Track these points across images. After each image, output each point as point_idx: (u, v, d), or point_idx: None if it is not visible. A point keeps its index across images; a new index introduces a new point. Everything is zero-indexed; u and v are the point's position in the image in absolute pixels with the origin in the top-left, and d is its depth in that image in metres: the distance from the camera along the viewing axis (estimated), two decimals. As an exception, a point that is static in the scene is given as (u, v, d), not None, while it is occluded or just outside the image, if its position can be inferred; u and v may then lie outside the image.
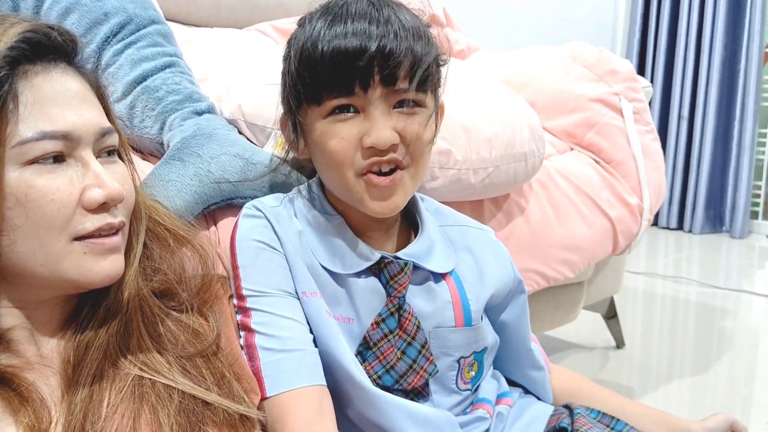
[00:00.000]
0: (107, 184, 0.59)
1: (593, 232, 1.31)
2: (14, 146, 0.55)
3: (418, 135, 0.73)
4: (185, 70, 1.00)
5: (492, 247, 0.89)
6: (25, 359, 0.60)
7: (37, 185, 0.56)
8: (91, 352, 0.60)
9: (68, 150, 0.58)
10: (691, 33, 3.35)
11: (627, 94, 1.44)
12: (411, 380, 0.77)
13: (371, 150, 0.71)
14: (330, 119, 0.72)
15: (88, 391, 0.59)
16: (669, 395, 1.66)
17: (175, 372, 0.63)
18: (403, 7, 0.74)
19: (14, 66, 0.56)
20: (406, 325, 0.77)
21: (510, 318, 0.89)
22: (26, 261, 0.57)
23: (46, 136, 0.56)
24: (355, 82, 0.70)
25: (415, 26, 0.72)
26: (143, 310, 0.65)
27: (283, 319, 0.73)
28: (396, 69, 0.69)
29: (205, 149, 0.85)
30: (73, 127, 0.58)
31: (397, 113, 0.72)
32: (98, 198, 0.58)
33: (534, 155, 1.09)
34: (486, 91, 1.10)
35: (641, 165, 1.40)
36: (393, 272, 0.78)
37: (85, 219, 0.58)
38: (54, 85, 0.58)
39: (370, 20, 0.70)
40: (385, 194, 0.73)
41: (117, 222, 0.61)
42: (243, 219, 0.78)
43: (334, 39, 0.69)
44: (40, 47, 0.59)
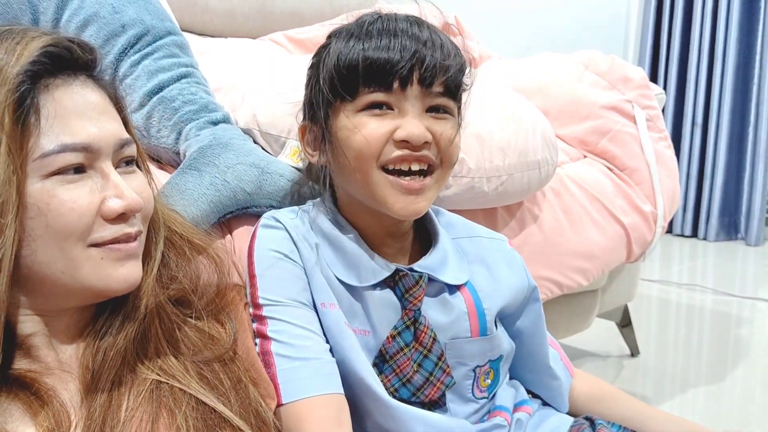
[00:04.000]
0: (126, 194, 0.60)
1: (607, 239, 1.31)
2: (36, 159, 0.57)
3: (450, 138, 0.76)
4: (201, 81, 1.02)
5: (505, 255, 0.89)
6: (44, 365, 0.61)
7: (58, 195, 0.57)
8: (109, 358, 0.61)
9: (89, 161, 0.59)
10: (704, 39, 3.33)
11: (640, 101, 1.44)
12: (428, 392, 0.77)
13: (404, 144, 0.73)
14: (363, 113, 0.74)
15: (107, 396, 0.60)
16: (684, 404, 1.64)
17: (191, 377, 0.63)
18: (437, 29, 0.77)
19: (36, 80, 0.58)
20: (422, 338, 0.78)
21: (525, 325, 0.89)
22: (47, 269, 0.58)
23: (67, 149, 0.57)
24: (394, 78, 0.72)
25: (452, 46, 0.76)
26: (161, 316, 0.66)
27: (298, 329, 0.74)
28: (434, 72, 0.72)
29: (221, 159, 0.86)
30: (93, 139, 0.59)
31: (429, 116, 0.75)
32: (117, 209, 0.59)
33: (547, 163, 1.09)
34: (498, 98, 1.10)
35: (655, 172, 1.40)
36: (408, 285, 0.78)
37: (103, 228, 0.60)
38: (74, 97, 0.60)
39: (411, 35, 0.73)
40: (411, 194, 0.74)
41: (134, 231, 0.62)
42: (262, 229, 0.79)
43: (376, 49, 0.72)
44: (60, 61, 0.60)
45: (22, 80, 0.56)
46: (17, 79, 0.56)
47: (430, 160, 0.75)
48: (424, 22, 0.76)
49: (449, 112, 0.76)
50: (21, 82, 0.56)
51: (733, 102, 3.30)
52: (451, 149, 0.76)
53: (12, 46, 0.58)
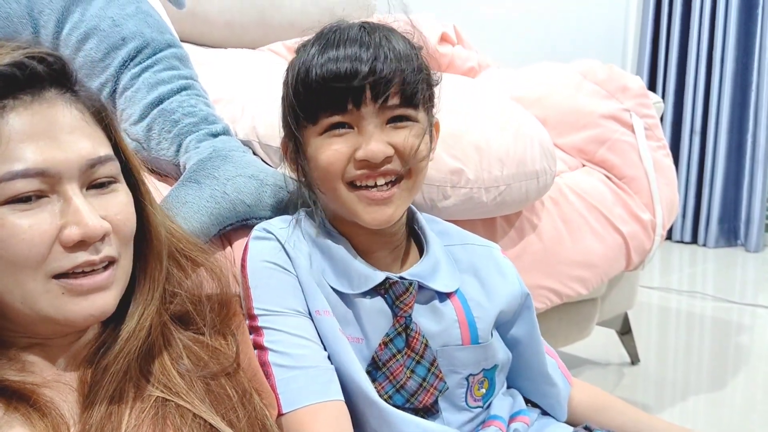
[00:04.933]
0: (85, 221, 0.56)
1: (606, 248, 1.31)
2: None
3: (412, 146, 0.76)
4: (201, 93, 1.02)
5: (497, 263, 0.89)
6: (43, 378, 0.60)
7: (7, 225, 0.54)
8: (108, 374, 0.61)
9: (49, 186, 0.56)
10: (702, 48, 3.34)
11: (638, 110, 1.45)
12: (422, 398, 0.78)
13: (364, 163, 0.74)
14: (325, 135, 0.75)
15: (106, 411, 0.60)
16: (685, 411, 1.64)
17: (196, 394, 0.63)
18: (393, 31, 0.77)
19: None
20: (414, 344, 0.78)
21: (520, 333, 0.89)
22: (7, 298, 0.57)
23: (17, 176, 0.54)
24: (348, 99, 0.73)
25: (404, 49, 0.76)
26: (164, 333, 0.66)
27: (295, 338, 0.75)
28: (386, 86, 0.73)
29: (220, 171, 0.86)
30: (51, 164, 0.56)
31: (390, 128, 0.75)
32: (73, 236, 0.56)
33: (546, 173, 1.10)
34: (496, 109, 1.11)
35: (653, 181, 1.40)
36: (398, 292, 0.79)
37: (62, 256, 0.56)
38: (33, 119, 0.56)
39: (361, 44, 0.73)
40: (379, 205, 0.76)
41: (98, 259, 0.58)
42: (253, 241, 0.80)
43: (328, 63, 0.73)
44: (14, 81, 0.56)
45: None
46: None
47: (395, 172, 0.76)
48: (376, 29, 0.76)
49: (411, 119, 0.76)
50: None
51: (731, 109, 3.31)
52: (417, 158, 0.76)
53: None
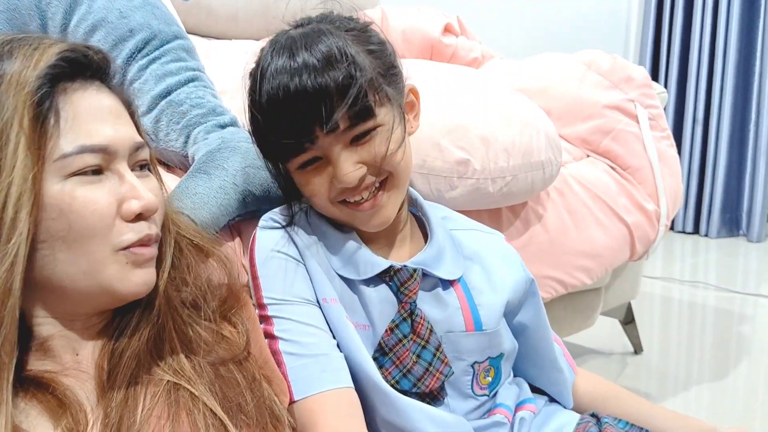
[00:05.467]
0: (143, 195, 0.61)
1: (610, 238, 1.32)
2: (57, 160, 0.58)
3: (382, 154, 0.75)
4: (208, 84, 1.03)
5: (501, 251, 0.90)
6: (61, 366, 0.62)
7: (79, 196, 0.58)
8: (124, 359, 0.63)
9: (105, 163, 0.60)
10: (705, 37, 3.33)
11: (642, 100, 1.45)
12: (428, 383, 0.78)
13: (342, 188, 0.75)
14: (302, 171, 0.76)
15: (123, 396, 0.61)
16: (687, 401, 1.65)
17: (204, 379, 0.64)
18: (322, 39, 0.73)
19: (54, 83, 0.59)
20: (419, 330, 0.79)
21: (527, 318, 0.90)
22: (68, 270, 0.59)
23: (86, 150, 0.59)
24: (302, 141, 0.73)
25: (347, 57, 0.72)
26: (174, 318, 0.67)
27: (304, 326, 0.75)
28: (332, 117, 0.71)
29: (229, 162, 0.87)
30: (111, 141, 0.60)
31: (356, 146, 0.75)
32: (135, 209, 0.60)
33: (551, 164, 1.10)
34: (502, 100, 1.11)
35: (657, 171, 1.41)
36: (403, 279, 0.80)
37: (126, 229, 0.61)
38: (91, 101, 0.61)
39: (294, 72, 0.71)
40: (372, 213, 0.77)
41: (154, 234, 0.63)
42: (261, 231, 0.81)
43: (270, 110, 0.73)
44: (77, 65, 0.61)
45: (42, 83, 0.57)
46: (37, 82, 0.57)
47: (374, 183, 0.76)
48: (315, 44, 0.72)
49: (372, 129, 0.74)
50: (40, 85, 0.57)
51: (734, 99, 3.31)
52: (392, 161, 0.76)
53: (30, 51, 0.59)
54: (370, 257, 0.80)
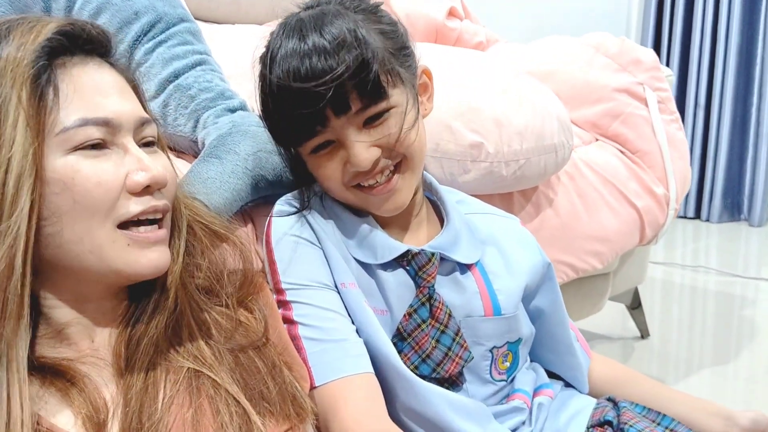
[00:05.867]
0: (150, 167, 0.59)
1: (621, 223, 1.31)
2: (58, 133, 0.56)
3: (396, 137, 0.74)
4: (215, 68, 1.01)
5: (517, 235, 0.89)
6: (79, 352, 0.61)
7: (83, 169, 0.56)
8: (142, 345, 0.61)
9: (109, 137, 0.59)
10: (707, 20, 3.31)
11: (651, 83, 1.43)
12: (447, 368, 0.78)
13: (356, 172, 0.74)
14: (314, 155, 0.75)
15: (142, 384, 0.60)
16: (690, 385, 1.65)
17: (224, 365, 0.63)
18: (332, 20, 0.71)
19: (52, 57, 0.57)
20: (437, 314, 0.78)
21: (544, 303, 0.89)
22: (75, 248, 0.57)
23: (88, 123, 0.57)
24: (315, 124, 0.72)
25: (350, 38, 0.70)
26: (191, 304, 0.66)
27: (323, 311, 0.74)
28: (344, 100, 0.70)
29: (241, 146, 0.85)
30: (114, 114, 0.59)
31: (369, 129, 0.73)
32: (142, 181, 0.58)
33: (564, 147, 1.09)
34: (513, 82, 1.09)
35: (667, 155, 1.40)
36: (421, 263, 0.79)
37: (130, 202, 0.59)
38: (92, 75, 0.60)
39: (304, 54, 0.70)
40: (386, 197, 0.76)
41: (161, 205, 0.61)
42: (276, 215, 0.80)
43: (280, 94, 0.72)
44: (75, 40, 0.60)
45: (39, 56, 0.56)
46: (33, 55, 0.55)
47: (389, 166, 0.75)
48: (325, 25, 0.70)
49: (386, 110, 0.73)
50: (37, 57, 0.56)
51: (736, 83, 3.29)
52: (406, 142, 0.75)
53: (27, 29, 0.57)
54: (387, 241, 0.79)
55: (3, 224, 0.53)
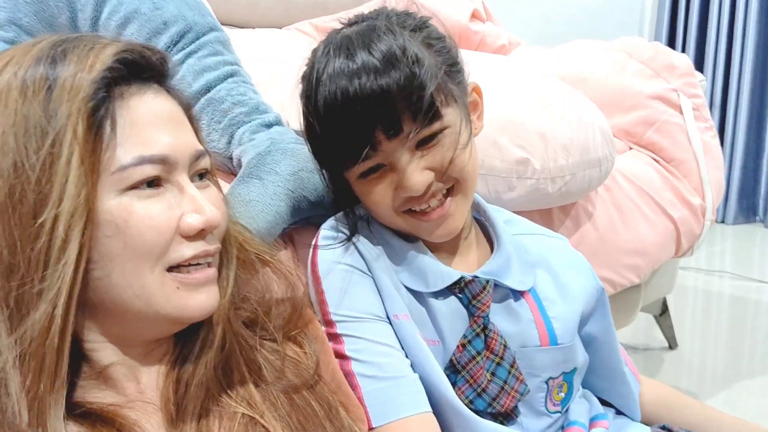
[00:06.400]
0: (205, 209, 0.55)
1: (657, 235, 1.27)
2: (114, 172, 0.52)
3: (450, 159, 0.70)
4: (247, 79, 0.96)
5: (569, 258, 0.85)
6: (125, 397, 0.57)
7: (137, 211, 0.53)
8: (191, 388, 0.57)
9: (165, 174, 0.55)
10: (723, 20, 3.27)
11: (686, 89, 1.39)
12: (503, 402, 0.74)
13: (408, 197, 0.70)
14: (363, 180, 0.71)
15: (195, 431, 0.56)
16: (702, 389, 1.61)
17: (279, 411, 0.59)
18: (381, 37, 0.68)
19: (110, 88, 0.53)
20: (492, 346, 0.74)
21: (596, 330, 0.86)
22: (122, 294, 0.54)
23: (145, 161, 0.53)
24: (364, 147, 0.67)
25: (411, 55, 0.66)
26: (239, 341, 0.62)
27: (378, 345, 0.70)
28: (396, 122, 0.67)
29: (282, 166, 0.81)
30: (171, 150, 0.55)
31: (422, 151, 0.69)
32: (197, 225, 0.55)
33: (607, 160, 1.05)
34: (553, 93, 1.05)
35: (703, 164, 1.35)
36: (475, 291, 0.74)
37: (182, 246, 0.55)
38: (150, 106, 0.56)
39: (353, 74, 0.66)
40: (439, 223, 0.72)
41: (213, 249, 0.57)
42: (323, 241, 0.75)
43: (327, 117, 0.68)
44: (135, 67, 0.56)
45: (98, 87, 0.52)
46: (92, 87, 0.51)
47: (441, 190, 0.72)
48: (374, 42, 0.67)
49: (439, 131, 0.69)
50: (96, 89, 0.52)
51: (752, 84, 3.26)
52: (458, 166, 0.71)
53: (84, 53, 0.53)
54: (440, 268, 0.75)
55: (49, 271, 0.49)
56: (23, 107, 0.50)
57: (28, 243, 0.49)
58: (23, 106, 0.50)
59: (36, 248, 0.49)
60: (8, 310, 0.49)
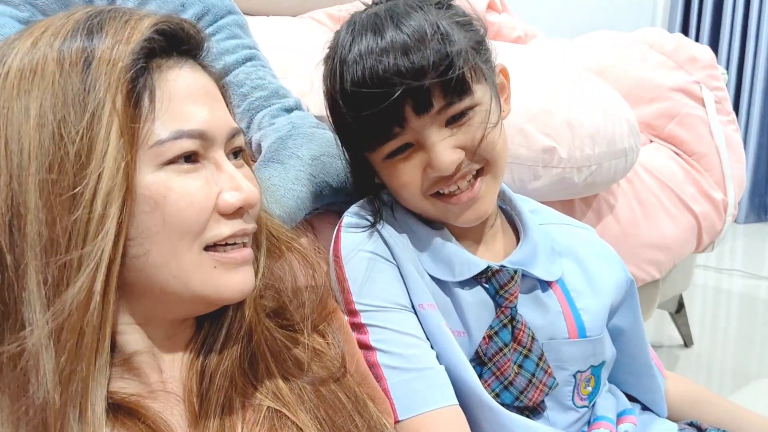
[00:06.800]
0: (243, 186, 0.54)
1: (679, 229, 1.24)
2: (153, 146, 0.50)
3: (481, 137, 0.68)
4: (265, 63, 0.94)
5: (598, 248, 0.83)
6: (148, 386, 0.54)
7: (175, 187, 0.51)
8: (216, 379, 0.55)
9: (203, 150, 0.53)
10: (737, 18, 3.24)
11: (708, 82, 1.36)
12: (531, 395, 0.72)
13: (438, 177, 0.68)
14: (389, 161, 0.69)
15: (218, 424, 0.54)
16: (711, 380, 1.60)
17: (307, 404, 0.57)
18: (410, 14, 0.66)
19: (149, 59, 0.51)
20: (520, 337, 0.72)
21: (624, 323, 0.83)
22: (159, 273, 0.52)
23: (183, 135, 0.51)
24: (392, 125, 0.65)
25: (445, 29, 0.65)
26: (264, 332, 0.59)
27: (403, 336, 0.68)
28: (427, 98, 0.64)
29: (303, 150, 0.79)
30: (209, 126, 0.53)
31: (451, 129, 0.67)
32: (235, 202, 0.53)
33: (633, 151, 1.02)
34: (580, 83, 1.03)
35: (725, 158, 1.33)
36: (502, 281, 0.72)
37: (220, 224, 0.53)
38: (187, 80, 0.54)
39: (382, 52, 0.64)
40: (468, 206, 0.70)
41: (250, 228, 0.56)
42: (346, 229, 0.73)
43: (355, 96, 0.65)
44: (173, 39, 0.54)
45: (136, 57, 0.50)
46: (131, 57, 0.49)
47: (471, 170, 0.69)
48: (403, 19, 0.66)
49: (470, 108, 0.67)
50: (135, 59, 0.50)
51: (765, 82, 3.22)
52: (489, 145, 0.68)
53: (121, 25, 0.51)
54: (466, 257, 0.72)
55: (87, 247, 0.47)
56: (61, 78, 0.48)
57: (67, 217, 0.47)
58: (61, 78, 0.48)
59: (75, 222, 0.47)
60: (46, 287, 0.47)
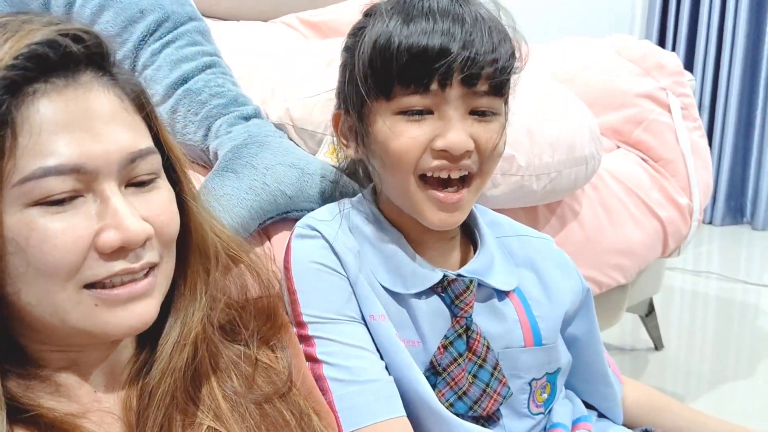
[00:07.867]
0: (125, 224, 0.49)
1: (645, 235, 1.25)
2: (15, 185, 0.47)
3: (494, 144, 0.69)
4: (226, 71, 0.94)
5: (555, 258, 0.83)
6: (81, 405, 0.53)
7: (38, 229, 0.47)
8: (156, 397, 0.53)
9: (84, 185, 0.49)
10: (713, 22, 3.27)
11: (674, 88, 1.38)
12: (485, 406, 0.72)
13: (442, 153, 0.67)
14: (399, 117, 0.68)
15: None
16: (688, 390, 1.61)
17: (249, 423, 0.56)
18: (484, 6, 0.69)
19: (14, 89, 0.47)
20: (475, 347, 0.72)
21: (580, 331, 0.84)
22: (35, 310, 0.50)
23: (50, 173, 0.47)
24: (433, 78, 0.65)
25: (500, 29, 0.68)
26: (210, 350, 0.59)
27: (351, 348, 0.68)
28: (479, 70, 0.65)
29: (258, 159, 0.79)
30: (87, 159, 0.48)
31: (473, 119, 0.68)
32: (112, 242, 0.49)
33: (594, 158, 1.03)
34: (543, 90, 1.03)
35: (691, 163, 1.34)
36: (458, 291, 0.72)
37: (97, 264, 0.49)
38: (68, 106, 0.49)
39: (455, 18, 0.65)
40: (448, 209, 0.70)
41: (138, 266, 0.51)
42: (297, 239, 0.73)
43: (415, 35, 0.65)
44: (47, 63, 0.48)
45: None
46: None
47: (470, 169, 0.69)
48: (469, 2, 0.68)
49: (495, 113, 0.69)
50: None
51: (741, 85, 3.25)
52: (494, 157, 0.70)
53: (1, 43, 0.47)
54: (421, 269, 0.72)
55: None
56: None
57: None
58: None
59: None
60: None
